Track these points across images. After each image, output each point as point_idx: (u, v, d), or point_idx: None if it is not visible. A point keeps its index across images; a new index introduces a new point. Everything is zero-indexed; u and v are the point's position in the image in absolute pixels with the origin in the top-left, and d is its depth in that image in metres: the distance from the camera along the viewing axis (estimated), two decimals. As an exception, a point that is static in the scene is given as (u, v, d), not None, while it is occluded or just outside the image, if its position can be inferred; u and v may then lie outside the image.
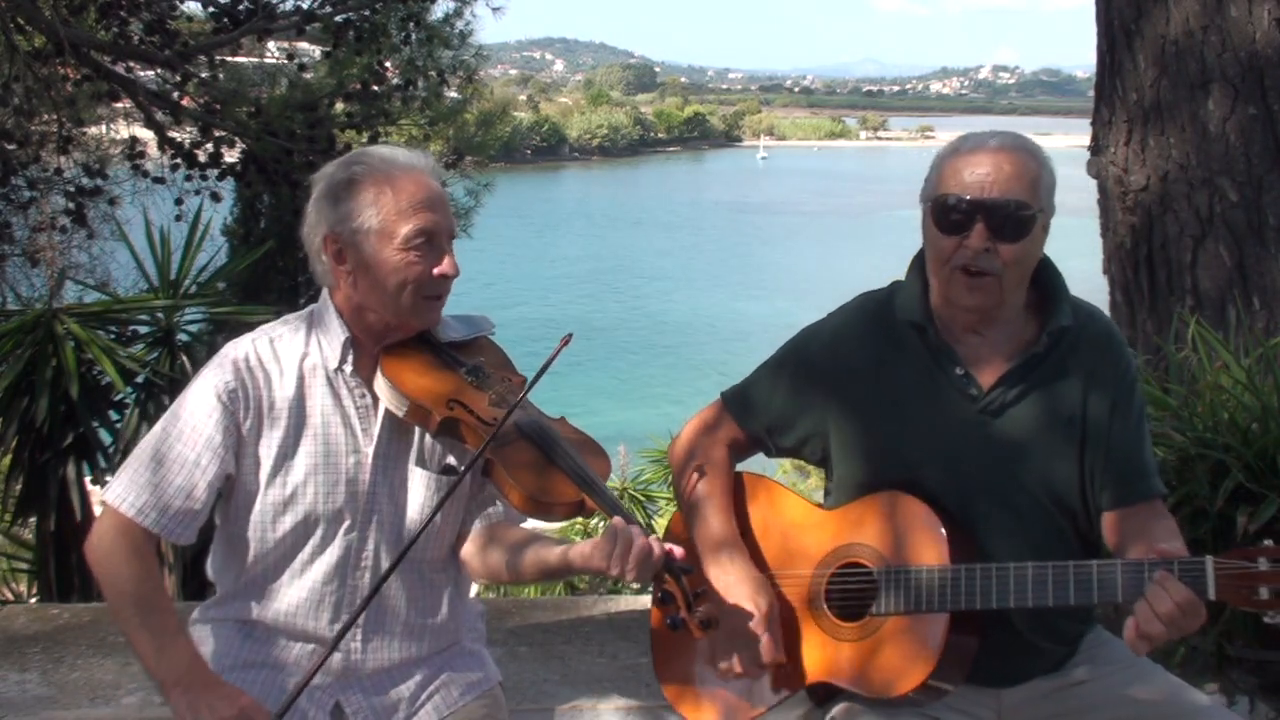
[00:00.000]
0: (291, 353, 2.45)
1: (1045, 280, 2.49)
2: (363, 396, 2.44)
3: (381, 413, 2.43)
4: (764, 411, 2.66)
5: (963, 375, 2.46)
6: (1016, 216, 2.35)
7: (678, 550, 2.26)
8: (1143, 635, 2.18)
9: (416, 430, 2.44)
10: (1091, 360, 2.45)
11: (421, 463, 2.46)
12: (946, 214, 2.39)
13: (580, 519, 2.74)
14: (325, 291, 2.47)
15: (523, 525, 2.56)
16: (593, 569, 2.27)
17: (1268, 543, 2.14)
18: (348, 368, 2.42)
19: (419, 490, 2.46)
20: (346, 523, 2.42)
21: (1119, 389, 2.44)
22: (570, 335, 2.30)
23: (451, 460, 2.47)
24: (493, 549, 2.48)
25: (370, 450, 2.43)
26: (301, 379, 2.43)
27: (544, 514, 2.34)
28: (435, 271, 2.37)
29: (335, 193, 2.37)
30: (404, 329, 2.44)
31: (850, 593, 2.45)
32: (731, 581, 2.48)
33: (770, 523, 2.63)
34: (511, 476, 2.30)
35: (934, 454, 2.45)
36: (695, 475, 2.64)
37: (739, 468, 2.74)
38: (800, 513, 2.61)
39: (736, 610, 2.45)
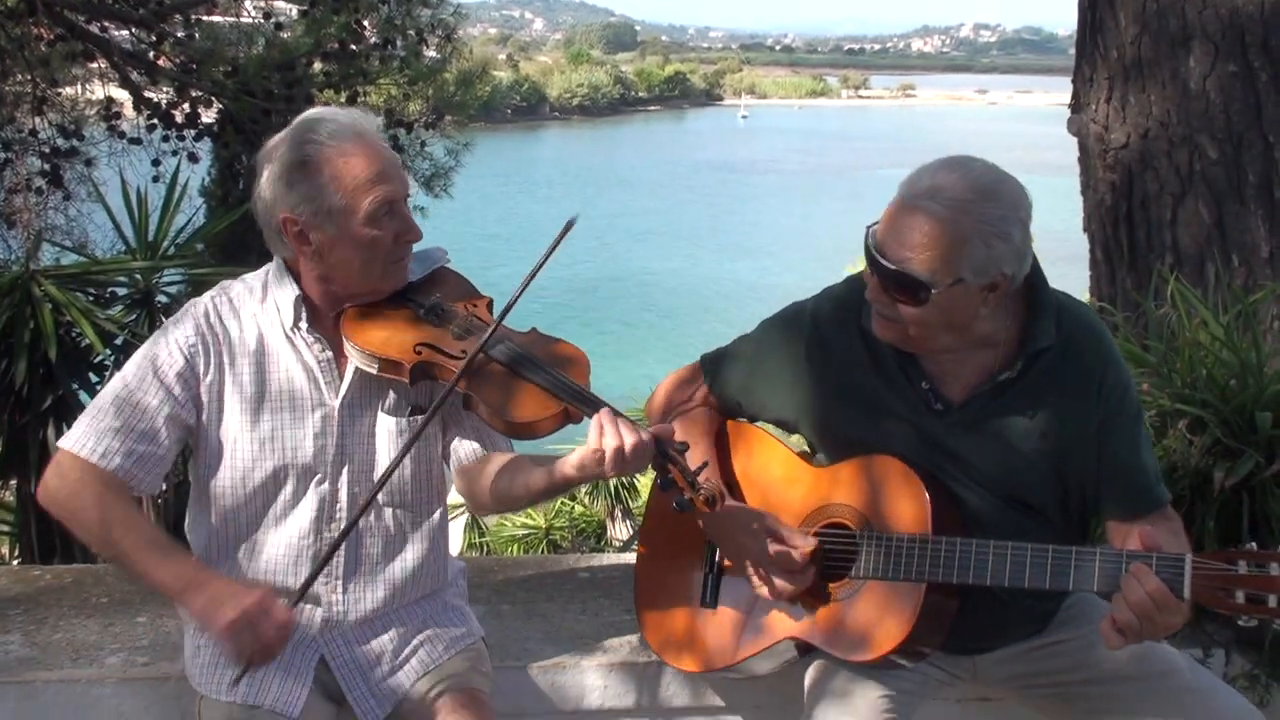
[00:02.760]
0: (249, 310, 2.48)
1: (1031, 294, 2.41)
2: (323, 350, 2.46)
3: (351, 369, 2.45)
4: (738, 387, 2.68)
5: (928, 390, 2.44)
6: (904, 288, 2.29)
7: (666, 430, 2.26)
8: (1117, 627, 2.18)
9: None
10: (1074, 376, 2.40)
11: (391, 409, 2.48)
12: (866, 248, 2.35)
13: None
14: (276, 256, 2.50)
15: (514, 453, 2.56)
16: (590, 475, 2.28)
17: (1251, 545, 2.14)
18: (303, 325, 2.45)
19: (389, 438, 2.48)
20: (318, 475, 2.45)
21: (1108, 405, 2.39)
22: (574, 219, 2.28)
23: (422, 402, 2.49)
24: (490, 478, 2.49)
25: (336, 403, 2.46)
26: (261, 336, 2.46)
27: (530, 434, 2.36)
28: (401, 237, 2.42)
29: (290, 174, 2.37)
30: (373, 294, 2.46)
31: (831, 553, 2.47)
32: (725, 528, 2.51)
33: (754, 474, 2.65)
34: (489, 405, 2.32)
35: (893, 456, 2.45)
36: (674, 423, 2.64)
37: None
38: (786, 466, 2.62)
39: (736, 551, 2.50)
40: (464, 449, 2.55)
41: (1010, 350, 2.41)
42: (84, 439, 2.35)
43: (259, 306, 2.48)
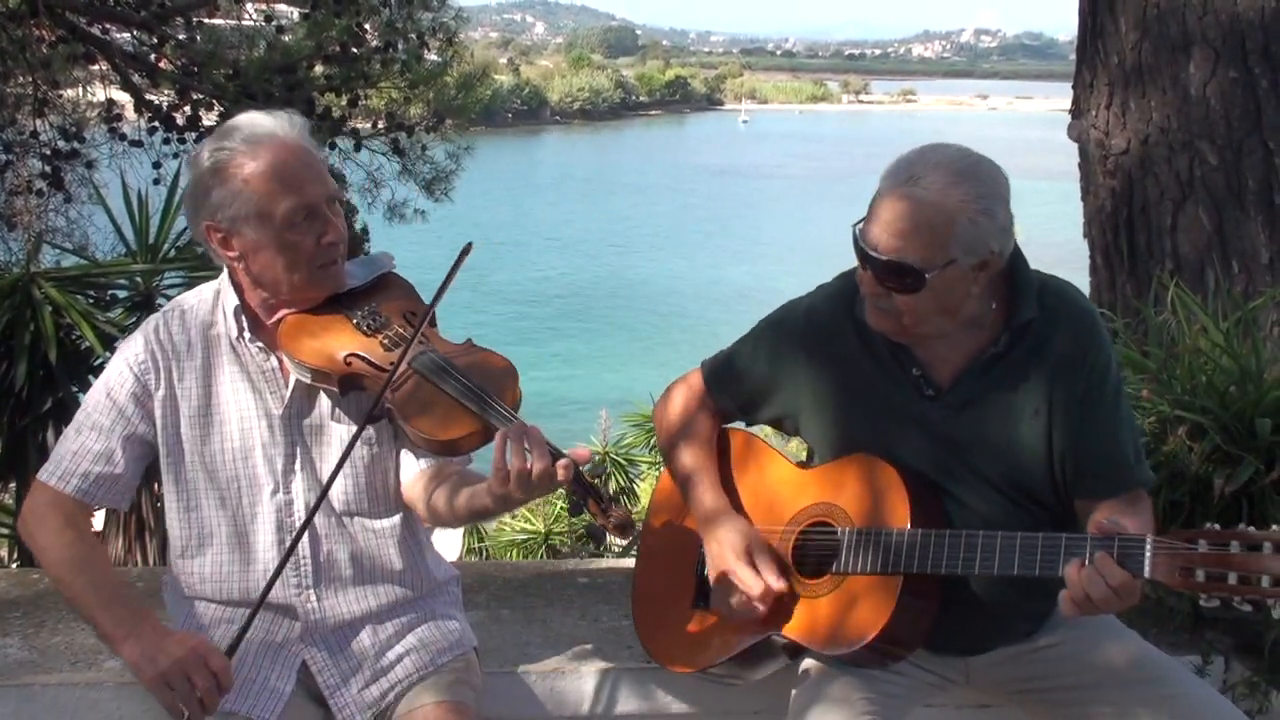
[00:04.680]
0: (199, 324, 2.47)
1: (1012, 273, 2.43)
2: (267, 360, 2.44)
3: (293, 380, 2.42)
4: (739, 387, 2.69)
5: (919, 375, 2.46)
6: (899, 276, 2.31)
7: (582, 454, 2.19)
8: (1075, 604, 2.19)
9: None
10: (1059, 349, 2.41)
11: (340, 419, 2.45)
12: (856, 245, 2.38)
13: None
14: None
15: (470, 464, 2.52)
16: (501, 497, 2.19)
17: (1212, 525, 2.14)
18: (246, 335, 2.42)
19: (339, 447, 2.45)
20: (269, 487, 2.44)
21: (1090, 377, 2.41)
22: (470, 245, 2.26)
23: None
24: (428, 493, 2.45)
25: (279, 413, 2.44)
26: (208, 349, 2.46)
27: (450, 452, 2.30)
28: (323, 241, 2.36)
29: (206, 182, 2.34)
30: (306, 301, 2.42)
31: (816, 551, 2.49)
32: (723, 549, 2.52)
33: (752, 481, 2.68)
34: (409, 424, 2.26)
35: (894, 448, 2.46)
36: (683, 449, 2.67)
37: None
38: (780, 471, 2.65)
39: (732, 572, 2.49)
40: (406, 461, 2.51)
41: (996, 330, 2.43)
42: (49, 464, 2.42)
43: (209, 317, 2.48)
